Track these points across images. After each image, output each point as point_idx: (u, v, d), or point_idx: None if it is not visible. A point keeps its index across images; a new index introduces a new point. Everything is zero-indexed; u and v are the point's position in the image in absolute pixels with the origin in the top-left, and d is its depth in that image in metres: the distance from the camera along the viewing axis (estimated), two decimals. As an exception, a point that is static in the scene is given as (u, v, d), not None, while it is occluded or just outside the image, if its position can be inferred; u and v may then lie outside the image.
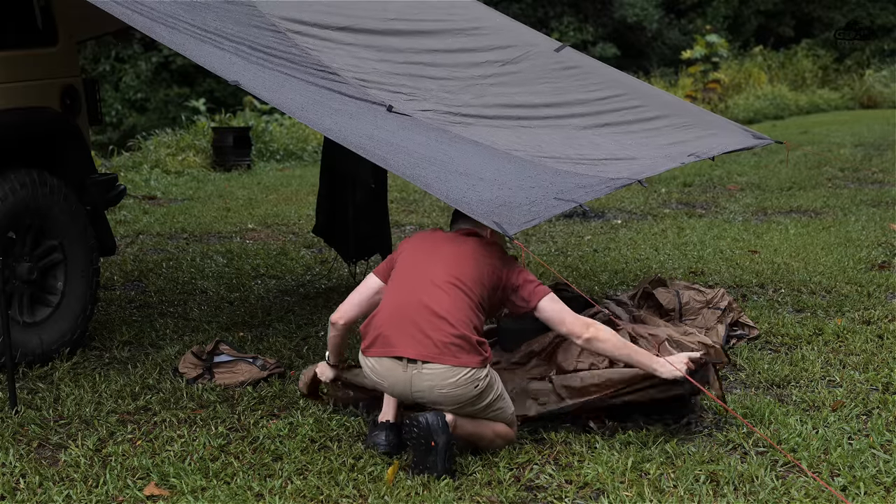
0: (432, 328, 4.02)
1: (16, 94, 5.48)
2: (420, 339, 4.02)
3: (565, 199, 4.66)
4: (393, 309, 4.14)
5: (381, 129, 4.70)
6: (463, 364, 4.00)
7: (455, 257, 4.22)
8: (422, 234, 4.48)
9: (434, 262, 4.22)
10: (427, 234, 4.48)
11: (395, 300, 4.18)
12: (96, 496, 3.88)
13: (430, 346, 4.01)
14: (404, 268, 4.29)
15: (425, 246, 4.35)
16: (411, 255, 4.33)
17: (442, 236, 4.41)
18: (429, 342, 4.01)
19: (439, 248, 4.30)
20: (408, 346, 4.03)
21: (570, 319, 4.21)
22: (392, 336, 4.08)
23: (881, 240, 8.51)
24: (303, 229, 9.56)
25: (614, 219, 10.18)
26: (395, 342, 4.06)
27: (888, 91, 25.43)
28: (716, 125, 6.45)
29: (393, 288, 4.26)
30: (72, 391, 5.01)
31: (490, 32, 6.22)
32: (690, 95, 21.43)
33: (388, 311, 4.16)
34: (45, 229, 5.55)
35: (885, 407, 4.67)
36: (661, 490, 3.85)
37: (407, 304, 4.11)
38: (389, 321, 4.11)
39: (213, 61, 4.45)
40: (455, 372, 4.00)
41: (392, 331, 4.08)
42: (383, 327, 4.11)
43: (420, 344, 4.02)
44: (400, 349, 4.04)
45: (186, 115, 18.05)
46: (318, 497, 3.85)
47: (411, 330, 4.04)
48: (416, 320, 4.05)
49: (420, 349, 4.01)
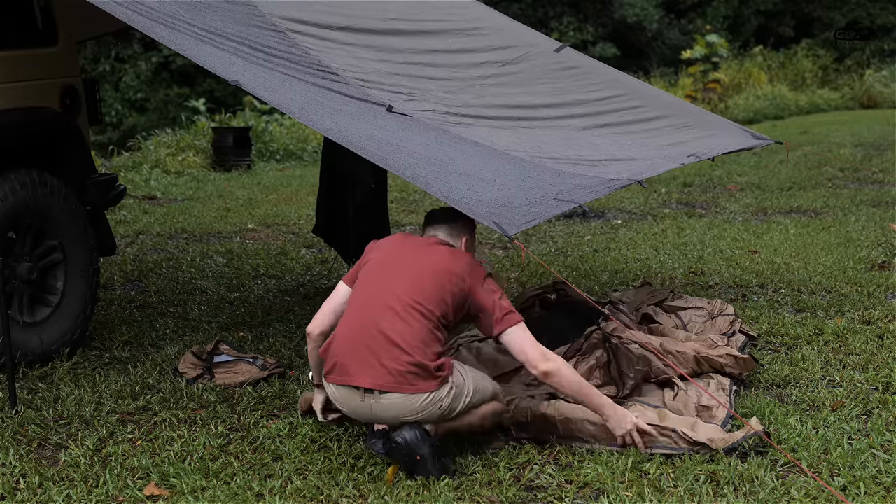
0: (388, 356, 3.95)
1: (16, 94, 5.48)
2: (376, 367, 3.96)
3: (565, 200, 4.66)
4: (349, 334, 4.06)
5: (381, 129, 4.70)
6: (420, 391, 3.94)
7: (418, 275, 4.10)
8: (391, 241, 4.36)
9: (396, 279, 4.10)
10: (396, 241, 4.35)
11: (351, 323, 4.09)
12: (96, 496, 3.88)
13: (386, 375, 3.94)
14: (366, 283, 4.18)
15: (390, 258, 4.23)
16: (375, 269, 4.21)
17: (411, 245, 4.28)
18: (384, 371, 3.94)
19: (404, 262, 4.18)
20: (364, 375, 3.97)
21: (530, 350, 4.08)
22: (348, 364, 4.01)
23: (881, 240, 8.51)
24: (303, 229, 9.56)
25: (614, 219, 10.18)
26: (352, 371, 4.00)
27: (888, 91, 25.43)
28: (716, 125, 6.45)
29: (352, 307, 4.16)
30: (72, 391, 5.01)
31: (490, 33, 6.22)
32: (690, 95, 21.43)
33: (344, 337, 4.07)
34: (45, 229, 5.55)
35: (885, 407, 4.67)
36: (661, 490, 3.85)
37: (363, 330, 4.02)
38: (345, 348, 4.04)
39: (213, 61, 4.45)
40: (413, 400, 3.95)
41: (348, 359, 4.02)
42: (340, 355, 4.05)
43: (376, 373, 3.95)
44: (356, 378, 3.98)
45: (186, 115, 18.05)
46: (318, 497, 3.85)
47: (367, 358, 3.97)
48: (373, 347, 3.98)
49: (376, 379, 3.95)
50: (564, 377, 4.08)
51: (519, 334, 4.10)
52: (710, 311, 5.79)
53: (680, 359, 4.82)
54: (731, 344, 5.23)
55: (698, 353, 4.92)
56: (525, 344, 4.09)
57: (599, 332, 4.75)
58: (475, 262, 4.23)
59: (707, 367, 4.91)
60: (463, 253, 4.26)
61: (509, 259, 8.19)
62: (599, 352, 4.67)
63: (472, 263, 4.20)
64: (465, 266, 4.15)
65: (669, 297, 5.94)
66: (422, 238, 4.34)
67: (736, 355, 4.96)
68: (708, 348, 5.00)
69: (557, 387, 4.12)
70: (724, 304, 5.87)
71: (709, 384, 4.74)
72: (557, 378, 4.07)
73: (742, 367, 4.95)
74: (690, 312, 5.74)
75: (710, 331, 5.53)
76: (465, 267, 4.15)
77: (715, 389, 4.66)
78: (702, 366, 4.91)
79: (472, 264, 4.20)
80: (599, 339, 4.72)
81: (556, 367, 4.06)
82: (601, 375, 4.62)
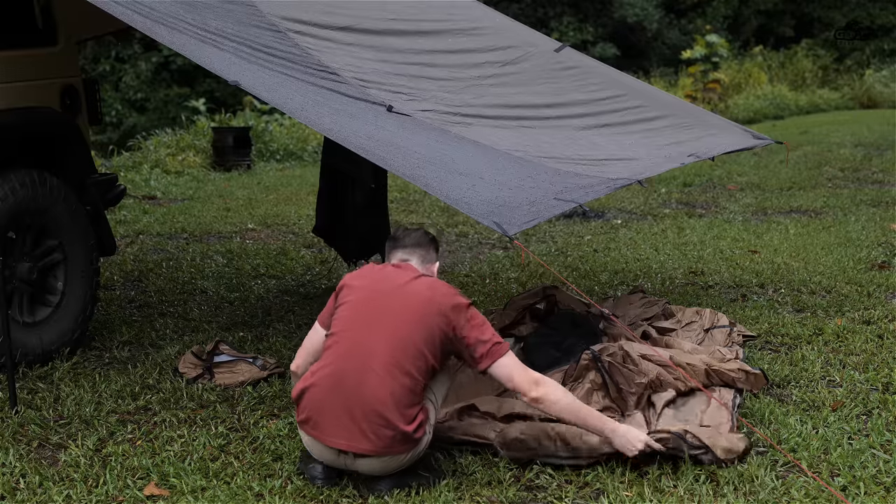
0: (366, 422, 3.77)
1: (16, 94, 5.48)
2: (353, 431, 3.80)
3: (565, 200, 4.66)
4: (325, 389, 3.85)
5: (381, 129, 4.70)
6: (398, 453, 3.82)
7: (399, 326, 3.86)
8: (365, 279, 4.08)
9: (375, 334, 3.87)
10: (372, 279, 4.07)
11: (328, 379, 3.86)
12: (96, 496, 3.88)
13: (364, 441, 3.79)
14: (343, 334, 3.94)
15: (368, 306, 3.95)
16: (352, 317, 3.95)
17: (388, 286, 4.00)
18: (362, 437, 3.79)
19: (383, 311, 3.91)
20: (340, 437, 3.82)
21: (517, 377, 3.90)
22: (324, 423, 3.84)
23: (881, 240, 8.51)
24: (303, 229, 9.56)
25: (614, 219, 10.18)
26: (328, 431, 3.83)
27: (888, 91, 25.43)
28: (716, 125, 6.45)
29: (328, 357, 3.92)
30: (72, 391, 5.01)
31: (490, 33, 6.22)
32: (690, 95, 21.43)
33: (319, 391, 3.86)
34: (45, 229, 5.55)
35: (885, 407, 4.67)
36: (661, 490, 3.85)
37: (339, 389, 3.82)
38: (321, 405, 3.84)
39: (213, 61, 4.45)
40: (392, 461, 3.84)
41: (324, 417, 3.84)
42: (314, 410, 3.86)
43: (352, 436, 3.80)
44: (332, 440, 3.83)
45: (186, 115, 18.04)
46: (318, 497, 3.85)
47: (343, 420, 3.80)
48: (351, 410, 3.79)
49: (352, 443, 3.81)
50: (557, 401, 3.89)
51: (504, 363, 3.90)
52: (702, 323, 5.67)
53: (690, 371, 4.66)
54: (738, 356, 5.10)
55: (709, 366, 4.78)
56: (512, 372, 3.90)
57: (589, 353, 4.58)
58: (455, 295, 3.97)
59: (717, 380, 4.76)
60: (441, 287, 3.98)
61: (509, 259, 8.19)
62: (593, 373, 4.52)
63: (452, 299, 3.94)
64: (447, 306, 3.90)
65: (661, 310, 5.75)
66: (397, 272, 4.06)
67: (748, 370, 4.84)
68: (719, 361, 4.88)
69: (551, 412, 3.94)
70: (714, 313, 5.78)
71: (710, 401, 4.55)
72: (549, 403, 3.89)
73: (753, 383, 4.84)
74: (682, 334, 5.55)
75: (710, 343, 5.42)
76: (447, 307, 3.90)
77: (716, 405, 4.48)
78: (712, 379, 4.76)
79: (453, 300, 3.93)
80: (590, 360, 4.55)
81: (545, 392, 3.88)
82: (601, 398, 4.46)
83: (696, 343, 5.42)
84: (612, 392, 4.47)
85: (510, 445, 4.13)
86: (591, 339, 5.06)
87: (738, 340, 5.57)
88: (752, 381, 4.85)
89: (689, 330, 5.59)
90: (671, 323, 5.68)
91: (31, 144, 5.63)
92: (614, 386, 4.47)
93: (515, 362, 3.94)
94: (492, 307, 6.08)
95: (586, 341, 4.98)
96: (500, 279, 7.44)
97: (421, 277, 4.03)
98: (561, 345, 5.07)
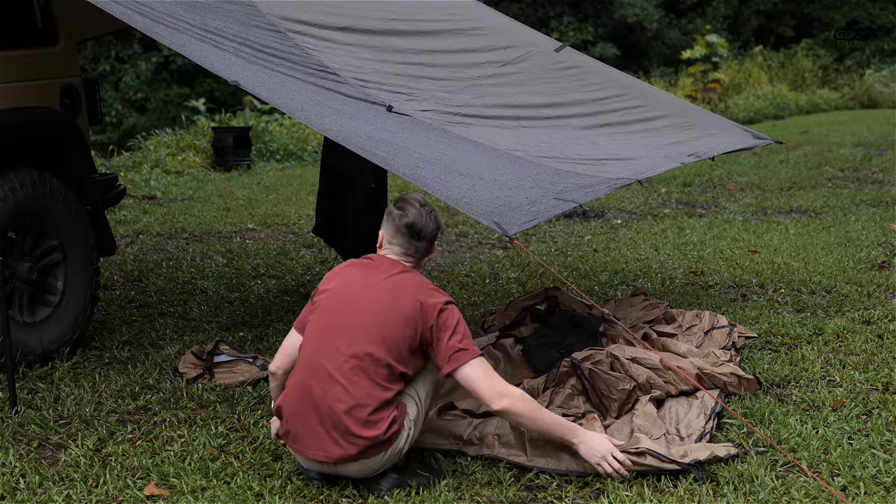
0: (336, 430, 3.77)
1: (16, 94, 5.48)
2: (326, 440, 3.79)
3: (565, 199, 4.66)
4: (297, 401, 3.85)
5: (381, 129, 4.70)
6: (372, 455, 3.81)
7: (363, 331, 3.82)
8: (334, 284, 4.01)
9: (339, 341, 3.83)
10: (340, 283, 4.00)
11: (297, 391, 3.86)
12: (96, 496, 3.88)
13: (336, 448, 3.79)
14: (309, 344, 3.92)
15: (334, 313, 3.91)
16: (319, 323, 3.92)
17: (356, 289, 3.93)
18: (334, 445, 3.79)
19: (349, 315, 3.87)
20: (317, 448, 3.83)
21: (480, 386, 3.82)
22: (302, 436, 3.85)
23: (881, 240, 8.51)
24: (303, 229, 9.56)
25: (614, 219, 10.18)
26: (305, 443, 3.85)
27: (888, 91, 25.45)
28: (716, 125, 6.45)
29: (298, 370, 3.92)
30: (72, 391, 5.01)
31: (490, 33, 6.22)
32: (690, 95, 21.45)
33: (294, 405, 3.86)
34: (45, 229, 5.55)
35: (885, 407, 4.67)
36: (661, 490, 3.85)
37: (309, 401, 3.81)
38: (296, 419, 3.86)
39: (213, 61, 4.45)
40: (372, 462, 3.83)
41: (301, 430, 3.85)
42: (292, 423, 3.87)
43: (327, 447, 3.81)
44: (311, 452, 3.85)
45: (186, 115, 18.05)
46: (318, 497, 3.85)
47: (318, 430, 3.80)
48: (321, 420, 3.79)
49: (328, 453, 3.81)
50: (520, 414, 3.85)
51: (467, 371, 3.81)
52: (702, 326, 5.65)
53: (680, 375, 4.62)
54: (732, 359, 5.10)
55: (701, 370, 4.77)
56: (475, 381, 3.82)
57: (568, 361, 4.56)
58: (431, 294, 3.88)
59: (709, 384, 4.75)
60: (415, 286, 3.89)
61: (509, 259, 8.19)
62: (573, 380, 4.52)
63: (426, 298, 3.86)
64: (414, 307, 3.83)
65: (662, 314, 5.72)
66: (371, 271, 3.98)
67: (741, 375, 4.83)
68: (712, 365, 4.86)
69: (519, 424, 3.95)
70: (713, 315, 5.78)
71: (691, 405, 4.53)
72: (512, 416, 3.86)
73: (745, 387, 4.83)
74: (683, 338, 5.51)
75: (709, 345, 5.41)
76: (415, 308, 3.83)
77: (696, 412, 4.44)
78: (703, 382, 4.74)
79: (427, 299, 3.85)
80: (569, 367, 4.54)
81: (509, 405, 3.81)
82: (582, 403, 4.46)
83: (696, 346, 5.41)
84: (592, 398, 4.47)
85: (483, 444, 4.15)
86: (591, 339, 5.05)
87: (738, 341, 5.57)
88: (744, 385, 4.84)
89: (690, 334, 5.58)
90: (672, 328, 5.65)
91: (32, 144, 5.63)
92: (595, 392, 4.47)
93: (482, 371, 3.84)
94: (492, 307, 6.08)
95: (586, 342, 4.98)
96: (500, 279, 7.44)
97: (396, 275, 3.95)
98: (561, 345, 5.08)
